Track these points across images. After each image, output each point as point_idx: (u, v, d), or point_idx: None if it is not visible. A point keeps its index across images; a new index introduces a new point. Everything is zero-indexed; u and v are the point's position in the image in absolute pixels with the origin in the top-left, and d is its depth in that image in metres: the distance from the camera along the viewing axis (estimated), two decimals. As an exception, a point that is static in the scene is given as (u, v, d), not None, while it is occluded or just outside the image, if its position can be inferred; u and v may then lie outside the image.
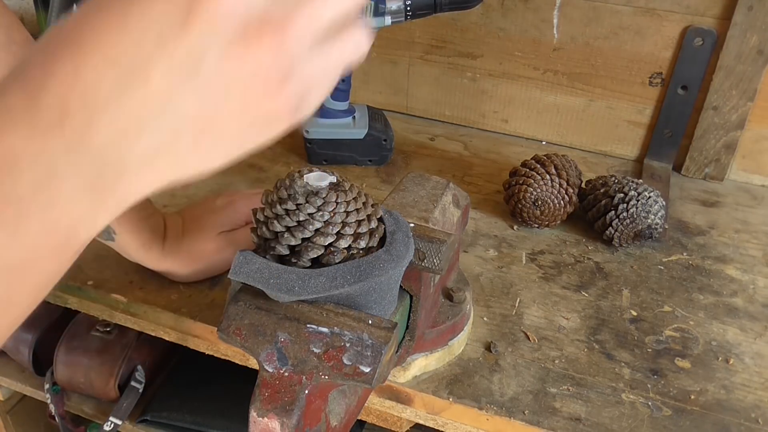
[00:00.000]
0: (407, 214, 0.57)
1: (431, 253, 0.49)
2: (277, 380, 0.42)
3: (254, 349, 0.43)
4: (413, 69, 1.05)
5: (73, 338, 0.95)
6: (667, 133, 0.94)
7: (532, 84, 0.99)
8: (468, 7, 0.81)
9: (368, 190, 0.85)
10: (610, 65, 0.94)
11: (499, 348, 0.63)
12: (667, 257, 0.77)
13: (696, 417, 0.57)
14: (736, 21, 0.83)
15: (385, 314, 0.48)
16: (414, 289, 0.52)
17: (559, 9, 0.92)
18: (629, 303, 0.70)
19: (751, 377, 0.62)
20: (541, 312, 0.68)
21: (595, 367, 0.62)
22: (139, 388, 0.93)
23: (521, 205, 0.78)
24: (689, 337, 0.66)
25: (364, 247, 0.45)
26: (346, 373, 0.41)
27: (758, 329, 0.67)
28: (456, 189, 0.65)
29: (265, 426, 0.41)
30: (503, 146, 1.01)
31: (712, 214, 0.87)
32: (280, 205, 0.44)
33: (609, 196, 0.77)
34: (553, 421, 0.56)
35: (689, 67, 0.89)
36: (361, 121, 0.91)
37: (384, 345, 0.42)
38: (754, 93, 0.87)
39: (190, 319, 0.64)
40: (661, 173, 0.94)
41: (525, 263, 0.75)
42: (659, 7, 0.88)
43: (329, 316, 0.44)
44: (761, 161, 0.93)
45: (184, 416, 0.94)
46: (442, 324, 0.58)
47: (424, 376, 0.59)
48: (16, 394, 1.06)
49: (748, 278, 0.75)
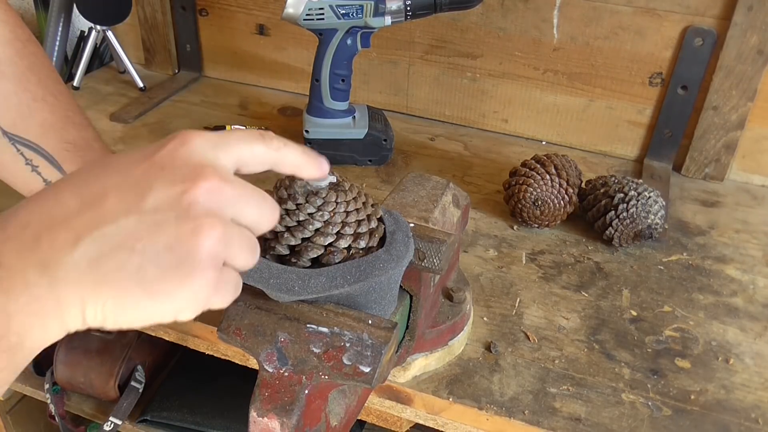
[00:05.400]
0: (407, 214, 0.57)
1: (431, 253, 0.49)
2: (277, 380, 0.42)
3: (254, 349, 0.43)
4: (413, 69, 1.05)
5: (73, 338, 0.95)
6: (667, 133, 0.94)
7: (532, 84, 0.99)
8: (468, 7, 0.81)
9: (368, 190, 0.85)
10: (610, 65, 0.94)
11: (499, 348, 0.63)
12: (667, 257, 0.77)
13: (696, 417, 0.57)
14: (736, 21, 0.83)
15: (385, 314, 0.47)
16: (414, 289, 0.52)
17: (559, 9, 0.92)
18: (629, 303, 0.70)
19: (751, 377, 0.62)
20: (541, 312, 0.68)
21: (595, 367, 0.62)
22: (139, 388, 0.93)
23: (521, 205, 0.78)
24: (689, 337, 0.66)
25: (364, 247, 0.45)
26: (346, 373, 0.41)
27: (758, 329, 0.67)
28: (456, 189, 0.65)
29: (265, 426, 0.41)
30: (503, 146, 1.01)
31: (712, 214, 0.87)
32: (280, 205, 0.44)
33: (609, 196, 0.77)
34: (553, 421, 0.56)
35: (689, 67, 0.89)
36: (361, 121, 0.91)
37: (384, 345, 0.42)
38: (754, 93, 0.87)
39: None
40: (661, 173, 0.94)
41: (525, 263, 0.75)
42: (659, 7, 0.88)
43: (329, 316, 0.43)
44: (761, 161, 0.93)
45: (184, 416, 0.94)
46: (442, 324, 0.58)
47: (424, 376, 0.59)
48: (16, 394, 1.06)
49: (748, 278, 0.75)
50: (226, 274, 0.35)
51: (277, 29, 1.10)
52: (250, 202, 0.36)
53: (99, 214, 0.32)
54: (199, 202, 0.33)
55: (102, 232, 0.32)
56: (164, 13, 1.13)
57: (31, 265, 0.31)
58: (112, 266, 0.32)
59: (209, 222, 0.33)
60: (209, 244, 0.33)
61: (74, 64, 1.16)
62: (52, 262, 0.32)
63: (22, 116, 0.57)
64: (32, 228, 0.32)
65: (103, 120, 1.03)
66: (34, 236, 0.32)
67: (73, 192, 0.34)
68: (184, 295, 0.33)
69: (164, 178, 0.33)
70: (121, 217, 0.32)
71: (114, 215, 0.32)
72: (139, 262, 0.32)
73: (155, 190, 0.33)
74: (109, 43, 1.12)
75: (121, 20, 1.08)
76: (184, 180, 0.33)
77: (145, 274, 0.32)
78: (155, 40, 1.17)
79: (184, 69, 1.19)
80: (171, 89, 1.13)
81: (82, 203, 0.33)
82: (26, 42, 0.59)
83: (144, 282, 0.32)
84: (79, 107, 0.62)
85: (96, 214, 0.33)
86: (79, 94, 1.11)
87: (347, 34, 0.83)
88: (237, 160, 0.37)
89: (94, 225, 0.32)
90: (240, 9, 1.10)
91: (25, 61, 0.58)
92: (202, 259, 0.33)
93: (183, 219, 0.33)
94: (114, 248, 0.32)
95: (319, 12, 0.80)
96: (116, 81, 1.16)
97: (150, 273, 0.32)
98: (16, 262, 0.31)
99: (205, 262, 0.33)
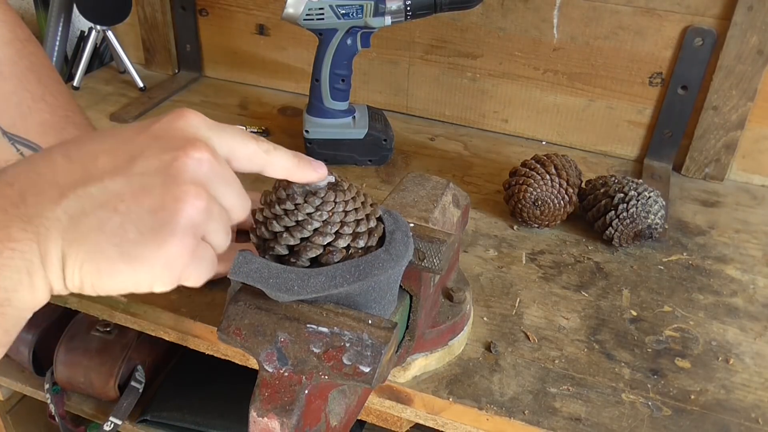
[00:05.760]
0: (407, 214, 0.57)
1: (431, 253, 0.49)
2: (277, 380, 0.42)
3: (254, 349, 0.43)
4: (413, 69, 1.05)
5: (73, 338, 0.95)
6: (667, 133, 0.94)
7: (532, 84, 0.99)
8: (468, 7, 0.81)
9: (368, 190, 0.85)
10: (610, 65, 0.94)
11: (499, 348, 0.63)
12: (667, 257, 0.77)
13: (696, 417, 0.57)
14: (736, 21, 0.83)
15: (385, 314, 0.47)
16: (414, 289, 0.52)
17: (559, 9, 0.92)
18: (629, 303, 0.70)
19: (751, 377, 0.62)
20: (541, 312, 0.68)
21: (595, 367, 0.62)
22: (139, 388, 0.93)
23: (521, 205, 0.78)
24: (689, 337, 0.66)
25: (363, 247, 0.45)
26: (346, 373, 0.41)
27: (758, 329, 0.67)
28: (456, 189, 0.65)
29: (265, 426, 0.41)
30: (503, 146, 1.01)
31: (712, 214, 0.87)
32: (278, 205, 0.44)
33: (609, 196, 0.77)
34: (553, 421, 0.56)
35: (689, 67, 0.89)
36: (361, 121, 0.91)
37: (384, 345, 0.42)
38: (754, 93, 0.87)
39: (190, 319, 0.64)
40: (661, 173, 0.94)
41: (525, 263, 0.75)
42: (659, 7, 0.88)
43: (329, 315, 0.43)
44: (761, 161, 0.93)
45: (184, 416, 0.94)
46: (442, 324, 0.58)
47: (424, 376, 0.59)
48: (16, 394, 1.06)
49: (748, 278, 0.75)
50: (203, 249, 0.35)
51: (277, 29, 1.10)
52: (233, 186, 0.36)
53: (86, 173, 0.33)
54: (187, 170, 0.33)
55: (87, 190, 0.32)
56: (164, 13, 1.13)
57: (15, 220, 0.32)
58: (92, 224, 0.32)
59: (195, 191, 0.33)
60: (191, 212, 0.33)
61: (74, 64, 1.16)
62: (35, 217, 0.32)
63: (22, 116, 0.57)
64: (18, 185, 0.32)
65: (103, 120, 1.03)
66: (20, 193, 0.32)
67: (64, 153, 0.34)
68: (159, 261, 0.33)
69: (156, 146, 0.34)
70: (107, 177, 0.33)
71: (100, 175, 0.33)
72: (119, 222, 0.32)
73: (145, 155, 0.33)
74: (109, 43, 1.12)
75: (121, 20, 1.08)
76: (176, 149, 0.34)
77: (124, 234, 0.32)
78: (155, 40, 1.17)
79: (184, 69, 1.20)
80: (171, 89, 1.13)
81: (71, 163, 0.33)
82: (26, 42, 0.59)
83: (122, 244, 0.32)
84: (78, 107, 0.62)
85: (84, 173, 0.33)
86: (79, 94, 1.11)
87: (347, 34, 0.83)
88: (229, 149, 0.37)
89: (80, 183, 0.32)
90: (240, 9, 1.10)
91: (24, 61, 0.58)
92: (183, 224, 0.33)
93: (169, 184, 0.33)
94: (96, 207, 0.32)
95: (319, 12, 0.80)
96: (116, 81, 1.16)
97: (129, 235, 0.32)
98: (1, 218, 0.32)
99: (185, 229, 0.33)
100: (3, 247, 0.31)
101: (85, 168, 0.33)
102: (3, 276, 0.32)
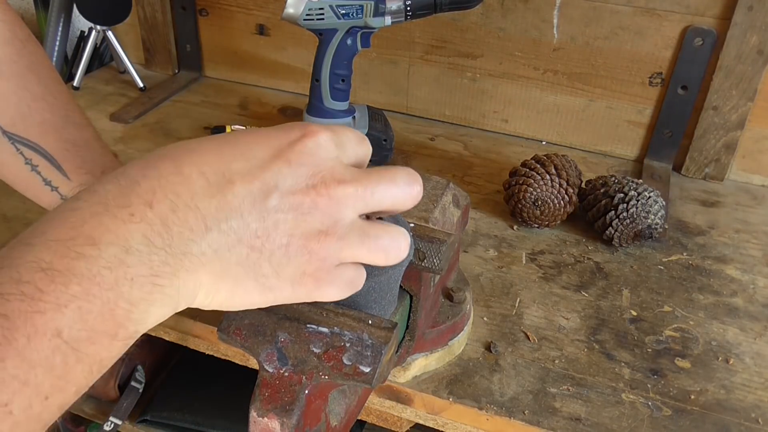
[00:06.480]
0: (407, 214, 0.57)
1: (431, 253, 0.49)
2: (277, 380, 0.42)
3: (254, 349, 0.43)
4: (413, 69, 1.05)
5: (73, 338, 0.94)
6: (667, 133, 0.94)
7: (532, 84, 0.99)
8: (468, 7, 0.81)
9: (368, 190, 0.85)
10: (610, 65, 0.94)
11: (499, 348, 0.63)
12: (667, 257, 0.77)
13: (696, 417, 0.57)
14: (736, 21, 0.83)
15: (385, 314, 0.47)
16: (414, 289, 0.52)
17: (559, 9, 0.92)
18: (629, 303, 0.70)
19: (751, 377, 0.62)
20: (541, 312, 0.68)
21: (595, 367, 0.62)
22: (139, 388, 0.93)
23: (521, 205, 0.78)
24: (689, 337, 0.66)
25: (364, 247, 0.45)
26: (346, 373, 0.41)
27: (758, 329, 0.67)
28: (456, 189, 0.65)
29: (265, 426, 0.41)
30: (503, 146, 1.01)
31: (712, 214, 0.87)
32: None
33: (609, 196, 0.77)
34: (553, 421, 0.56)
35: (689, 67, 0.89)
36: (361, 121, 0.91)
37: (384, 345, 0.42)
38: (754, 93, 0.87)
39: (190, 319, 0.64)
40: (661, 173, 0.94)
41: (525, 263, 0.75)
42: (659, 7, 0.88)
43: (329, 316, 0.43)
44: (761, 161, 0.93)
45: (184, 416, 0.94)
46: (442, 324, 0.58)
47: (424, 376, 0.59)
48: (16, 394, 1.06)
49: (748, 278, 0.75)
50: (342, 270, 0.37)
51: (277, 29, 1.10)
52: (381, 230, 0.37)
53: (225, 200, 0.33)
54: (318, 208, 0.34)
55: (229, 224, 0.33)
56: (164, 13, 1.13)
57: (160, 253, 0.31)
58: (233, 260, 0.33)
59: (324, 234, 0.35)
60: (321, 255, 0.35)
61: (74, 64, 1.16)
62: (180, 254, 0.32)
63: (22, 115, 0.57)
64: (158, 208, 0.31)
65: (103, 120, 1.03)
66: (162, 221, 0.31)
67: (199, 170, 0.33)
68: (293, 294, 0.36)
69: (290, 175, 0.34)
70: (246, 212, 0.33)
71: (239, 208, 0.33)
72: (256, 259, 0.34)
73: (279, 188, 0.34)
74: (109, 43, 1.12)
75: (121, 20, 1.08)
76: (307, 184, 0.34)
77: (259, 270, 0.34)
78: (155, 40, 1.17)
79: (184, 69, 1.20)
80: (171, 89, 1.13)
81: (208, 184, 0.33)
82: (25, 41, 0.59)
83: (258, 277, 0.34)
84: (78, 107, 0.62)
85: (222, 199, 0.33)
86: (79, 94, 1.11)
87: (347, 34, 0.83)
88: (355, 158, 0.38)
89: (222, 214, 0.33)
90: (240, 9, 1.10)
91: (24, 61, 0.58)
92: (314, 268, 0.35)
93: (300, 223, 0.34)
94: (236, 242, 0.33)
95: (319, 12, 0.80)
96: (116, 81, 1.16)
97: (264, 269, 0.34)
98: (144, 250, 0.31)
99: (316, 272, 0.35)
100: (145, 281, 0.31)
101: (222, 193, 0.33)
102: (139, 309, 0.31)
